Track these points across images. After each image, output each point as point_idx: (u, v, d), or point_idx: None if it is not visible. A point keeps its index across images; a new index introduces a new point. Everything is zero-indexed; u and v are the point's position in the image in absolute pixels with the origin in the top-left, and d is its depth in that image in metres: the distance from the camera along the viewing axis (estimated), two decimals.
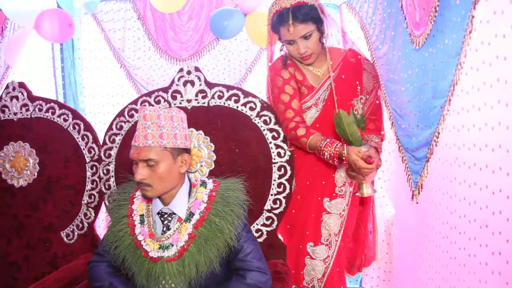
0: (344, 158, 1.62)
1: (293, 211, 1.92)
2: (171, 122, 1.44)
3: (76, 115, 2.16)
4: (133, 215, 1.53)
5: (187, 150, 1.51)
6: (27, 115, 2.18)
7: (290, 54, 1.86)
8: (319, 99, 1.86)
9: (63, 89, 3.05)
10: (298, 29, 1.71)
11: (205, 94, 1.90)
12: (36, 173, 2.18)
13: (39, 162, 2.17)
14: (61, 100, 3.05)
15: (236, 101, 1.87)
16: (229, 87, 1.90)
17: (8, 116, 2.20)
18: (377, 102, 1.93)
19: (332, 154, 1.65)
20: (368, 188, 1.70)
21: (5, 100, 2.20)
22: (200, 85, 1.91)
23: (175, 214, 1.49)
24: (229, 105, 1.88)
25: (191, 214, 1.47)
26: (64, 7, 2.75)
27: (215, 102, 1.90)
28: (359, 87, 1.85)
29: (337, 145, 1.65)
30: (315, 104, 1.86)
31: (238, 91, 1.88)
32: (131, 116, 2.00)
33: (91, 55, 3.12)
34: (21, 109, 2.19)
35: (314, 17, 1.72)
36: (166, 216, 1.50)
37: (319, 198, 1.89)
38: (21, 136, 2.19)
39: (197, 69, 1.93)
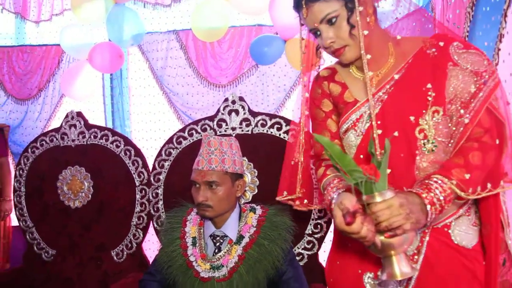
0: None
1: (338, 262, 1.37)
2: (231, 149, 1.57)
3: (127, 141, 2.32)
4: (185, 237, 1.64)
5: (242, 176, 1.62)
6: (83, 142, 2.37)
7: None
8: (361, 117, 1.24)
9: (112, 115, 3.26)
10: (313, 10, 1.14)
11: (249, 122, 2.02)
12: (90, 196, 2.34)
13: (93, 185, 2.33)
14: (110, 126, 3.26)
15: (279, 129, 1.98)
16: (272, 116, 2.02)
17: (67, 142, 2.39)
18: (498, 116, 1.14)
19: (325, 204, 1.23)
20: (401, 266, 1.04)
21: (65, 128, 2.40)
22: (244, 114, 2.03)
23: (226, 236, 1.59)
24: (271, 132, 1.99)
25: (241, 237, 1.57)
26: (114, 40, 2.97)
27: (258, 130, 2.01)
28: (432, 95, 1.14)
29: (336, 188, 1.19)
30: (353, 126, 1.24)
31: (281, 119, 1.99)
32: (179, 143, 2.14)
33: (137, 84, 3.33)
34: (78, 136, 2.38)
35: None
36: (218, 238, 1.61)
37: (359, 271, 1.27)
38: (77, 161, 2.36)
39: (241, 98, 2.05)
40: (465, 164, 1.09)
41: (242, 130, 2.03)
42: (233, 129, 2.04)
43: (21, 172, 2.46)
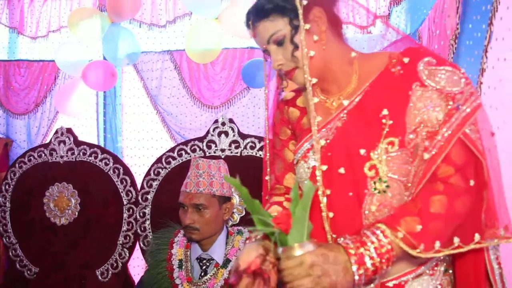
0: None
1: None
2: (219, 172, 1.58)
3: (116, 160, 2.32)
4: (172, 259, 1.63)
5: (230, 199, 1.63)
6: (72, 158, 2.36)
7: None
8: (312, 148, 1.02)
9: (104, 132, 3.26)
10: (259, 30, 1.01)
11: (238, 144, 2.04)
12: (77, 213, 2.33)
13: (81, 203, 2.32)
14: (101, 142, 3.26)
15: None
16: (261, 138, 2.04)
17: (55, 159, 2.39)
18: (476, 148, 0.91)
19: None
20: None
21: (54, 144, 2.40)
22: (234, 135, 2.05)
23: (213, 259, 1.58)
24: (261, 155, 2.00)
25: (228, 261, 1.56)
26: (109, 58, 3.00)
27: (248, 152, 2.02)
28: (387, 123, 0.95)
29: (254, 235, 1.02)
30: (303, 157, 1.05)
31: None
32: (168, 163, 2.14)
33: (131, 102, 3.35)
34: (67, 152, 2.38)
35: (280, 5, 0.97)
36: (204, 261, 1.60)
37: None
38: (65, 178, 2.36)
39: (231, 120, 2.08)
40: (420, 212, 0.87)
41: (231, 152, 2.05)
42: (223, 150, 2.06)
43: (7, 187, 2.44)
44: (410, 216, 0.87)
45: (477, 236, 0.89)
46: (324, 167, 0.97)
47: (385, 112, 0.95)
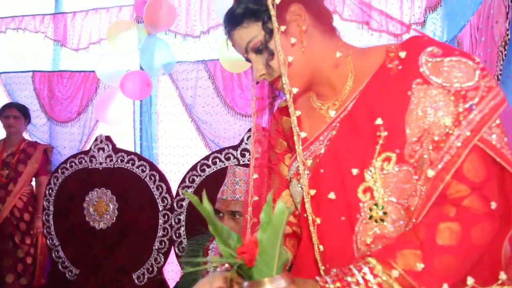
0: None
1: None
2: None
3: (152, 167, 2.39)
4: (207, 265, 1.66)
5: None
6: (110, 165, 2.46)
7: None
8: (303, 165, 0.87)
9: (140, 140, 3.37)
10: (235, 39, 0.88)
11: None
12: (115, 218, 2.41)
13: (118, 208, 2.40)
14: (138, 150, 3.36)
15: None
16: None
17: (95, 165, 2.49)
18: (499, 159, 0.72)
19: None
20: None
21: (93, 151, 2.50)
22: None
23: None
24: None
25: None
26: (145, 68, 3.10)
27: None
28: (381, 135, 0.77)
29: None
30: (295, 175, 0.90)
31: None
32: (203, 171, 2.19)
33: (166, 110, 3.44)
34: (106, 159, 2.48)
35: (252, 8, 0.83)
36: None
37: None
38: (104, 184, 2.45)
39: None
40: (423, 243, 0.68)
41: None
42: None
43: (50, 191, 2.56)
44: (410, 248, 0.68)
45: (502, 275, 0.71)
46: (313, 192, 0.81)
47: (378, 121, 0.77)
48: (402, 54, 0.79)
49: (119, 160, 2.44)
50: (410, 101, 0.75)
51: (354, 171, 0.78)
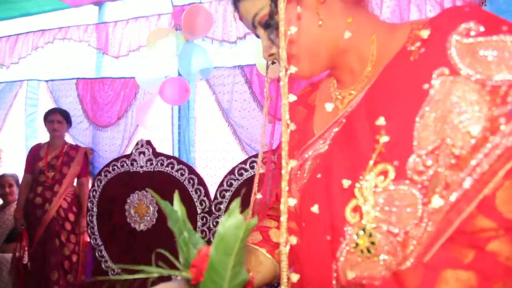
0: None
1: None
2: None
3: (191, 170, 2.44)
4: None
5: None
6: (151, 168, 2.52)
7: None
8: (304, 164, 0.75)
9: (178, 144, 3.45)
10: (242, 12, 0.73)
11: None
12: (155, 220, 2.47)
13: (158, 210, 2.46)
14: (176, 153, 3.45)
15: None
16: None
17: (136, 168, 2.57)
18: None
19: None
20: None
21: (134, 155, 2.58)
22: None
23: None
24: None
25: None
26: (183, 73, 3.18)
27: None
28: (381, 139, 0.58)
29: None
30: (295, 176, 0.77)
31: None
32: (240, 174, 2.21)
33: (203, 115, 3.51)
34: (146, 163, 2.55)
35: None
36: None
37: None
38: (144, 186, 2.52)
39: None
40: None
41: None
42: None
43: (94, 193, 2.66)
44: None
45: None
46: (292, 202, 0.60)
47: (380, 121, 0.59)
48: (425, 33, 0.58)
49: (159, 164, 2.51)
50: (428, 97, 0.54)
51: (345, 183, 0.60)
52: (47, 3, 3.97)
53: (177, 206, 0.59)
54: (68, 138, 3.59)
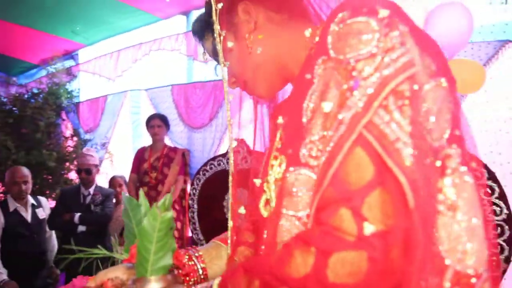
0: None
1: None
2: None
3: None
4: None
5: None
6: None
7: None
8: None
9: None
10: (206, 51, 0.86)
11: None
12: None
13: None
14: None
15: None
16: None
17: None
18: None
19: None
20: None
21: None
22: None
23: None
24: None
25: None
26: None
27: None
28: (278, 134, 0.73)
29: None
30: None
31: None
32: None
33: None
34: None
35: (206, 20, 0.80)
36: None
37: None
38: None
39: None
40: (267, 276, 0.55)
41: None
42: None
43: (194, 191, 2.86)
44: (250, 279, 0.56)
45: None
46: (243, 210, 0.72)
47: (280, 120, 0.67)
48: (321, 28, 0.64)
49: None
50: (313, 86, 0.58)
51: (257, 182, 0.69)
52: (141, 19, 4.33)
53: (142, 201, 0.74)
54: (167, 141, 3.89)
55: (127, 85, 4.74)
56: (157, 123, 3.61)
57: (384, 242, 0.48)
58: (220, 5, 0.72)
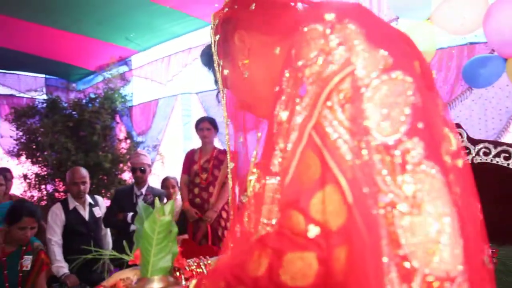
0: None
1: None
2: None
3: None
4: None
5: None
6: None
7: None
8: None
9: None
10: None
11: (468, 151, 1.85)
12: None
13: None
14: None
15: (506, 158, 1.75)
16: (496, 143, 1.80)
17: None
18: None
19: None
20: None
21: None
22: (463, 141, 1.87)
23: None
24: (497, 162, 1.77)
25: None
26: None
27: (480, 159, 1.81)
28: (258, 147, 0.82)
29: None
30: None
31: (509, 148, 1.76)
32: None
33: None
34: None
35: (210, 54, 0.85)
36: None
37: None
38: None
39: (458, 125, 1.91)
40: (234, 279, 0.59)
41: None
42: None
43: None
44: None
45: None
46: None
47: (258, 135, 0.75)
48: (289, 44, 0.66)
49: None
50: (281, 97, 0.61)
51: (243, 198, 0.72)
52: (191, 24, 4.42)
53: (168, 208, 0.74)
54: (217, 143, 3.93)
55: (177, 89, 4.86)
56: (206, 126, 3.65)
57: (328, 243, 0.50)
58: (217, 37, 0.79)
